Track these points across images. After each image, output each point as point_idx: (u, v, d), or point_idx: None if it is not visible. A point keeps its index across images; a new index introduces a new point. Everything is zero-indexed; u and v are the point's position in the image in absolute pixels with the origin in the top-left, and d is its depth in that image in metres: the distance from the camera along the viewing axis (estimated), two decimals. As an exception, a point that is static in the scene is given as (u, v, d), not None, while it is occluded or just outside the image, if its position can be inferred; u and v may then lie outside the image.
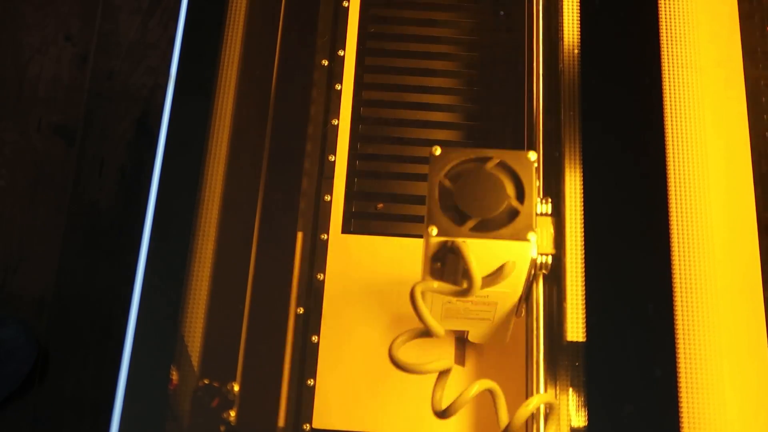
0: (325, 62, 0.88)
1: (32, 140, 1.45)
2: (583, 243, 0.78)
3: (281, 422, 0.75)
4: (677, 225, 0.78)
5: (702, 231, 0.78)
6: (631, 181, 0.81)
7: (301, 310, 0.78)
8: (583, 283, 0.76)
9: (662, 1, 0.86)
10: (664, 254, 0.77)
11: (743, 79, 0.84)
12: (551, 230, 0.69)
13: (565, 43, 0.86)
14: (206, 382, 0.75)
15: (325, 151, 0.84)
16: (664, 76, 0.84)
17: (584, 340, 0.75)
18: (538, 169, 0.69)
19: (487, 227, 0.62)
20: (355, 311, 0.78)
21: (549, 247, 0.68)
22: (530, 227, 0.62)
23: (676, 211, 0.79)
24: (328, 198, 0.83)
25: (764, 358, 0.74)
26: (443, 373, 0.65)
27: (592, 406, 0.73)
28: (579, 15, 0.87)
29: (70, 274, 1.37)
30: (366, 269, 0.80)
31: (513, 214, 0.63)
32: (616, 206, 0.80)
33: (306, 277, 0.79)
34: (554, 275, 0.76)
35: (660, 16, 0.86)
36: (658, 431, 0.72)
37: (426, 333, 0.64)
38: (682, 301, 0.75)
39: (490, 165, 0.64)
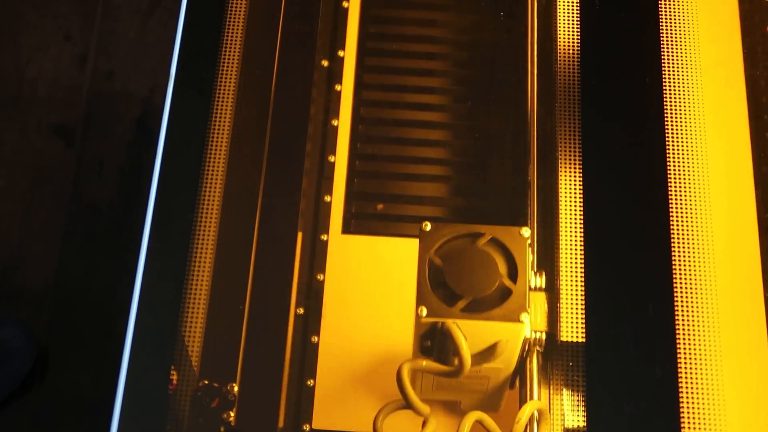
0: (325, 62, 0.88)
1: (32, 140, 1.45)
2: (583, 242, 0.78)
3: (281, 423, 0.75)
4: (677, 225, 0.78)
5: (702, 231, 0.78)
6: (631, 181, 0.81)
7: (301, 310, 0.78)
8: (583, 283, 0.76)
9: (662, 1, 0.86)
10: (664, 254, 0.77)
11: (743, 79, 0.84)
12: (545, 306, 0.68)
13: (565, 43, 0.86)
14: (206, 382, 0.75)
15: (325, 151, 0.84)
16: (664, 76, 0.84)
17: (584, 340, 0.75)
18: (532, 244, 0.68)
19: (478, 307, 0.62)
20: (355, 311, 0.78)
21: (543, 324, 0.68)
22: (523, 307, 0.61)
23: (676, 211, 0.79)
24: (328, 198, 0.83)
25: (764, 358, 0.74)
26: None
27: (592, 406, 0.73)
28: (579, 15, 0.87)
29: (70, 274, 1.37)
30: (366, 269, 0.80)
31: (505, 294, 0.62)
32: (616, 205, 0.80)
33: (306, 277, 0.79)
34: (548, 274, 0.76)
35: (660, 16, 0.86)
36: (658, 431, 0.72)
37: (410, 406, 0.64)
38: (682, 301, 0.75)
39: (481, 242, 0.64)
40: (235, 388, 0.75)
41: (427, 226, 0.64)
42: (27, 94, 1.48)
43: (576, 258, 0.77)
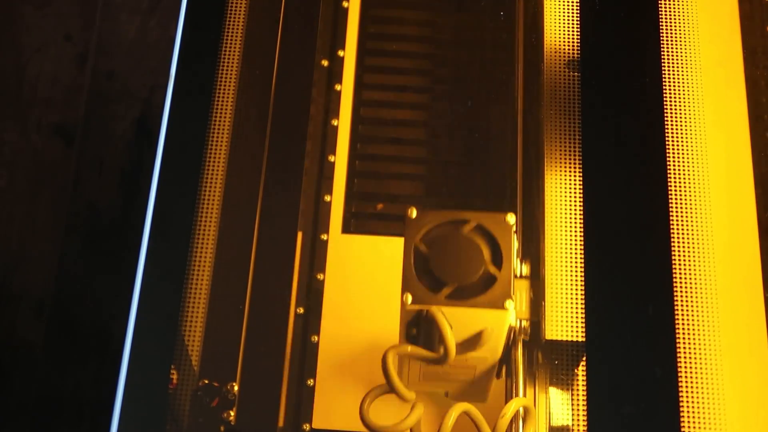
0: (325, 62, 0.88)
1: (32, 140, 1.45)
2: (582, 242, 0.78)
3: (281, 422, 0.75)
4: (677, 225, 0.78)
5: (702, 231, 0.78)
6: (631, 181, 0.81)
7: (301, 310, 0.78)
8: (583, 283, 0.76)
9: (662, 1, 0.86)
10: (664, 254, 0.77)
11: (743, 79, 0.84)
12: (530, 294, 0.68)
13: (565, 42, 0.86)
14: (206, 382, 0.75)
15: (325, 151, 0.84)
16: (664, 76, 0.84)
17: (570, 337, 0.74)
18: (517, 230, 0.68)
19: (463, 294, 0.62)
20: (355, 311, 0.78)
21: (528, 312, 0.68)
22: (508, 294, 0.62)
23: (677, 212, 0.79)
24: (328, 198, 0.83)
25: (764, 358, 0.74)
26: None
27: (591, 406, 0.73)
28: (579, 15, 0.87)
29: (70, 274, 1.37)
30: (366, 269, 0.80)
31: (490, 281, 0.62)
32: (616, 206, 0.80)
33: (306, 277, 0.79)
34: (534, 274, 0.76)
35: (660, 16, 0.86)
36: (658, 431, 0.72)
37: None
38: (682, 301, 0.75)
39: (466, 229, 0.64)
40: (235, 388, 0.75)
41: (413, 213, 0.64)
42: (27, 94, 1.48)
43: (562, 247, 0.77)
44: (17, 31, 1.51)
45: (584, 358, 0.74)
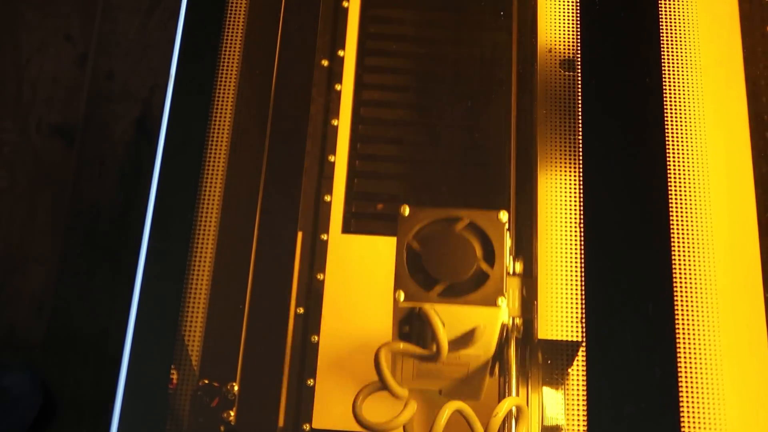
0: (325, 62, 0.88)
1: (32, 140, 1.45)
2: (582, 242, 0.78)
3: (281, 422, 0.75)
4: (677, 225, 0.78)
5: (702, 231, 0.78)
6: (631, 181, 0.81)
7: (301, 310, 0.78)
8: (583, 283, 0.76)
9: (662, 1, 0.86)
10: (664, 254, 0.77)
11: (743, 79, 0.84)
12: (523, 292, 0.68)
13: (565, 42, 0.86)
14: (206, 382, 0.75)
15: (325, 151, 0.84)
16: (664, 76, 0.84)
17: (578, 339, 0.75)
18: (510, 228, 0.68)
19: (456, 292, 0.62)
20: (355, 311, 0.78)
21: (519, 310, 0.68)
22: (500, 292, 0.62)
23: (677, 211, 0.79)
24: (328, 198, 0.83)
25: (764, 358, 0.74)
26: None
27: (591, 406, 0.73)
28: (579, 15, 0.87)
29: (70, 274, 1.37)
30: (366, 269, 0.80)
31: (483, 278, 0.62)
32: (616, 205, 0.80)
33: (306, 277, 0.79)
34: (527, 272, 0.76)
35: (660, 16, 0.86)
36: (658, 431, 0.72)
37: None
38: (682, 301, 0.75)
39: (459, 226, 0.64)
40: (235, 388, 0.75)
41: (406, 211, 0.65)
42: (27, 94, 1.48)
43: (556, 245, 0.77)
44: (17, 31, 1.51)
45: (583, 358, 0.74)
